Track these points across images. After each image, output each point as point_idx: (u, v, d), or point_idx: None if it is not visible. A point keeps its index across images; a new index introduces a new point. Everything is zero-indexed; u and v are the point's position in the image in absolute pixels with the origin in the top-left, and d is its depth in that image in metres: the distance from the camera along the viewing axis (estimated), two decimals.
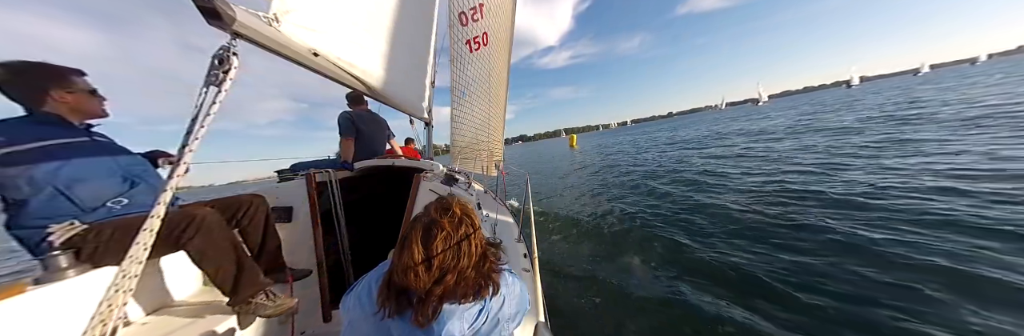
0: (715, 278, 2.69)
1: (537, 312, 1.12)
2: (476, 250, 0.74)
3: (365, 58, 1.70)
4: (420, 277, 0.68)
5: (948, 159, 4.62)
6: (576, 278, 3.15)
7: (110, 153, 1.21)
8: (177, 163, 0.85)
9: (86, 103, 1.16)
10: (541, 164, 18.02)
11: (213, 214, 1.22)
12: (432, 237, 0.71)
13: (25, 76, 1.05)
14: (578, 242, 4.23)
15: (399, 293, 0.70)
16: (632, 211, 5.04)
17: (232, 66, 0.77)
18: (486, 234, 0.85)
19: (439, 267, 0.69)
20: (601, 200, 6.47)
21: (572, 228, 4.88)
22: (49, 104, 1.08)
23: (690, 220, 4.13)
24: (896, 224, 3.04)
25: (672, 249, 3.40)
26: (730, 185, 5.62)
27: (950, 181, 3.80)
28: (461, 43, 3.55)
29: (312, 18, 1.16)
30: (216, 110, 0.79)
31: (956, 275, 2.19)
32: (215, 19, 0.73)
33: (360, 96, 2.99)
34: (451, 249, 0.71)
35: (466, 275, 0.71)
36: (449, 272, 0.70)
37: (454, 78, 3.67)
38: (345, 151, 2.65)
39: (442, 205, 0.79)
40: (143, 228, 0.82)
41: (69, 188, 1.06)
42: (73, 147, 1.10)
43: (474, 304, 0.71)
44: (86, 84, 1.16)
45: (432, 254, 0.70)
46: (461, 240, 0.72)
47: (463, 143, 3.93)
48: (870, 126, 9.25)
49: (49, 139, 1.05)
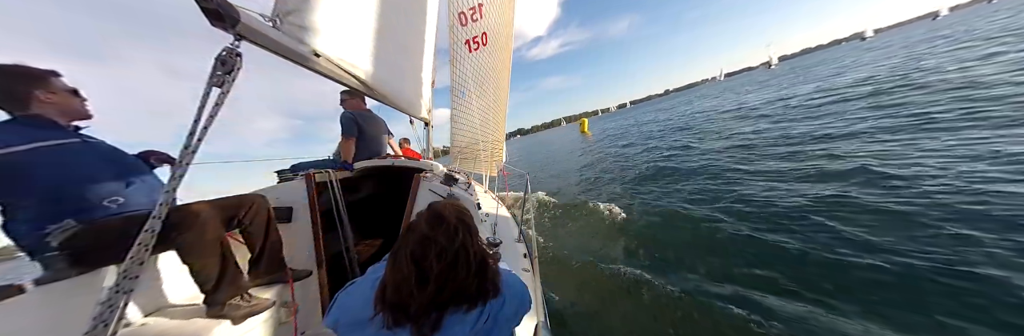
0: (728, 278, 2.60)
1: (537, 312, 1.12)
2: (475, 258, 0.70)
3: (366, 58, 1.70)
4: (415, 295, 0.64)
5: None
6: (576, 278, 3.16)
7: (102, 153, 1.21)
8: (179, 163, 0.85)
9: (71, 103, 1.15)
10: (549, 158, 15.94)
11: (209, 212, 1.22)
12: (426, 253, 0.67)
13: (5, 78, 1.04)
14: (582, 240, 4.22)
15: (394, 307, 0.66)
16: (645, 204, 4.82)
17: (235, 67, 0.78)
18: (486, 234, 0.85)
19: (436, 283, 0.65)
20: (615, 192, 6.01)
21: (583, 225, 4.78)
22: (35, 105, 1.07)
23: (716, 216, 3.77)
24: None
25: (685, 246, 3.32)
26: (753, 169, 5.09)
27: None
28: (460, 43, 3.56)
29: (314, 19, 1.16)
30: (219, 111, 0.79)
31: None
32: (218, 21, 0.73)
33: (358, 94, 2.97)
34: (447, 263, 0.66)
35: (466, 286, 0.67)
36: (446, 287, 0.66)
37: (453, 78, 3.68)
38: (345, 151, 2.63)
39: (433, 215, 0.74)
40: (145, 229, 0.82)
41: (64, 188, 1.06)
42: (66, 148, 1.09)
43: (475, 307, 0.70)
44: (65, 84, 1.14)
45: (428, 272, 0.65)
46: (458, 251, 0.68)
47: (463, 143, 3.94)
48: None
49: (42, 141, 1.03)
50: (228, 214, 1.39)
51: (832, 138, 5.45)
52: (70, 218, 1.06)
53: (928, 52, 12.71)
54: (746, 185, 4.51)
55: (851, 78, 11.36)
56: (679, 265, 2.98)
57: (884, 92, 7.58)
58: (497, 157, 3.50)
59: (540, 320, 1.12)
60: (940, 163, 3.53)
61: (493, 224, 2.03)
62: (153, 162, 1.43)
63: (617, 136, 17.07)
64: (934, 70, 8.46)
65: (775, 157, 5.36)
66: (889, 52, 17.62)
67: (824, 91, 10.25)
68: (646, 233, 3.88)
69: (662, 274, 2.82)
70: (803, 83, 15.05)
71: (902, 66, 10.75)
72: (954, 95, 5.90)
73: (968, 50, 10.03)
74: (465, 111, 3.66)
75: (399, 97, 2.50)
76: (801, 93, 11.45)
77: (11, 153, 0.97)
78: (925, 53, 12.65)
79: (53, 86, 1.09)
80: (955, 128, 4.45)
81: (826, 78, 14.08)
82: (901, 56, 14.09)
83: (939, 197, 2.88)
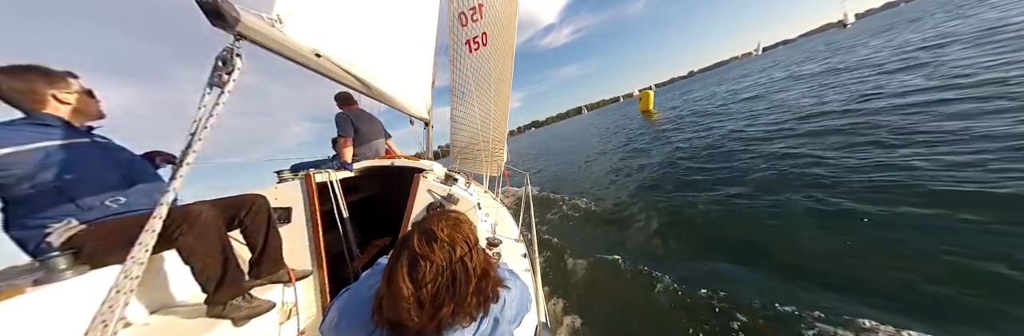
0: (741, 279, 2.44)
1: (538, 312, 1.12)
2: (476, 270, 0.67)
3: (366, 59, 1.70)
4: (412, 315, 0.61)
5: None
6: (577, 278, 3.15)
7: (109, 153, 1.22)
8: (179, 163, 0.85)
9: (86, 104, 1.18)
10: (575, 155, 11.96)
11: (210, 212, 1.22)
12: (419, 272, 0.63)
13: (23, 78, 1.05)
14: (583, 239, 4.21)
15: (394, 324, 0.64)
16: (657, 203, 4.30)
17: (235, 67, 0.78)
18: (487, 234, 0.84)
19: (432, 303, 0.62)
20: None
21: (584, 223, 4.71)
22: (50, 106, 1.09)
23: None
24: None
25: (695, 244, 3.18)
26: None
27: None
28: (461, 43, 3.56)
29: (315, 19, 1.16)
30: (219, 111, 0.79)
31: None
32: (219, 20, 0.73)
33: (349, 96, 2.95)
34: (444, 281, 0.64)
35: (467, 303, 0.64)
36: (445, 305, 0.63)
37: (454, 78, 3.68)
38: (343, 152, 2.63)
39: (425, 233, 0.69)
40: (145, 229, 0.82)
41: (69, 188, 1.07)
42: (74, 148, 1.10)
43: (476, 319, 0.69)
44: (81, 85, 1.17)
45: (424, 292, 0.62)
46: (455, 269, 0.65)
47: (463, 143, 3.93)
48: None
49: (51, 140, 1.05)
50: (229, 214, 1.39)
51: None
52: (71, 217, 1.06)
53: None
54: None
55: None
56: (680, 264, 2.96)
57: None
58: (498, 157, 3.50)
59: (540, 321, 1.12)
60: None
61: (493, 224, 2.03)
62: (158, 162, 1.44)
63: (709, 115, 10.48)
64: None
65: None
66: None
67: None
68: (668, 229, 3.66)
69: (662, 274, 2.80)
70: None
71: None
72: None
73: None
74: (465, 111, 3.65)
75: (399, 97, 2.51)
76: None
77: (16, 152, 0.98)
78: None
79: (70, 87, 1.12)
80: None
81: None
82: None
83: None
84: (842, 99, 6.43)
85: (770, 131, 6.00)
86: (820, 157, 4.08)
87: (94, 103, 1.21)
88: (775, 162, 4.44)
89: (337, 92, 2.90)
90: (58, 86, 1.10)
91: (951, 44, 8.21)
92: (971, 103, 4.21)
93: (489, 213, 2.11)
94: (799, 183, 3.62)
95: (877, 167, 3.39)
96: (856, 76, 8.25)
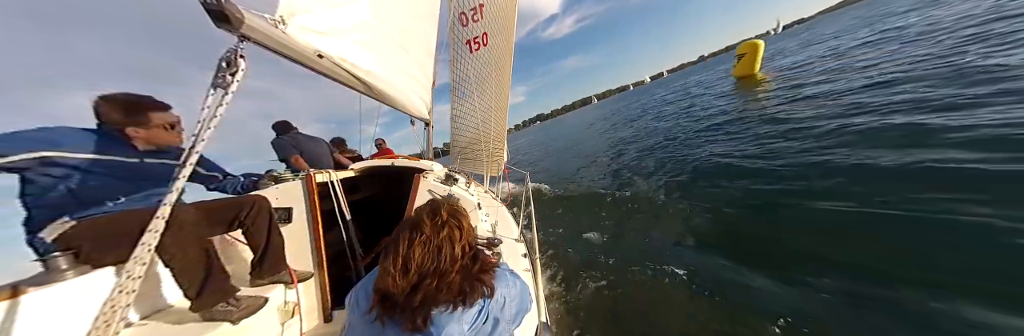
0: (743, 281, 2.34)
1: (538, 312, 1.13)
2: (462, 252, 0.73)
3: (368, 59, 1.71)
4: (397, 282, 0.67)
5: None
6: (577, 278, 3.16)
7: (147, 171, 1.25)
8: (182, 164, 0.86)
9: (157, 137, 1.23)
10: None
11: (189, 214, 1.20)
12: (411, 241, 0.71)
13: (113, 108, 1.14)
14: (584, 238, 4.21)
15: (384, 297, 0.69)
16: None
17: (239, 68, 0.78)
18: (487, 234, 0.86)
19: (417, 272, 0.68)
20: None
21: (582, 222, 4.74)
22: (126, 131, 1.17)
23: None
24: None
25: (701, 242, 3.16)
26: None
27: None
28: (461, 44, 3.57)
29: (317, 21, 1.16)
30: (222, 112, 0.79)
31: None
32: (223, 22, 0.74)
33: (287, 124, 3.13)
34: (430, 253, 0.70)
35: (449, 280, 0.69)
36: (428, 277, 0.68)
37: (454, 78, 3.69)
38: (301, 166, 2.82)
39: (431, 207, 0.79)
40: (148, 229, 0.82)
41: (85, 195, 1.09)
42: (117, 165, 1.16)
43: (473, 306, 0.70)
44: (164, 119, 1.22)
45: (410, 258, 0.69)
46: (441, 243, 0.71)
47: (463, 143, 3.94)
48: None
49: (102, 154, 1.11)
50: (229, 215, 1.39)
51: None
52: (67, 216, 1.07)
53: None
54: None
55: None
56: (682, 263, 2.95)
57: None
58: (498, 157, 3.51)
59: (541, 320, 1.12)
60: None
61: (493, 224, 2.03)
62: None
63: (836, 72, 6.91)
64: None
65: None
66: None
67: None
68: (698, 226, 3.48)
69: (664, 273, 2.80)
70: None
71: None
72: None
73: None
74: (466, 111, 3.66)
75: (400, 97, 2.51)
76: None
77: (63, 156, 1.03)
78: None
79: (149, 123, 1.19)
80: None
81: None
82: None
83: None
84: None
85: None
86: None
87: (171, 135, 1.26)
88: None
89: (273, 122, 3.18)
90: (135, 122, 1.17)
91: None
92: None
93: (489, 213, 2.11)
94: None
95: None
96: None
